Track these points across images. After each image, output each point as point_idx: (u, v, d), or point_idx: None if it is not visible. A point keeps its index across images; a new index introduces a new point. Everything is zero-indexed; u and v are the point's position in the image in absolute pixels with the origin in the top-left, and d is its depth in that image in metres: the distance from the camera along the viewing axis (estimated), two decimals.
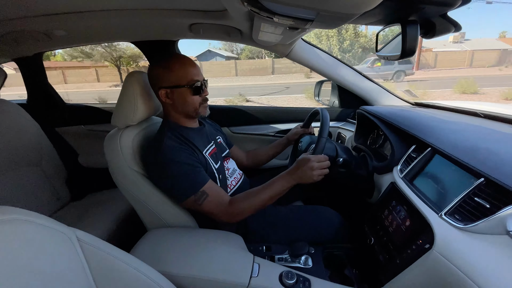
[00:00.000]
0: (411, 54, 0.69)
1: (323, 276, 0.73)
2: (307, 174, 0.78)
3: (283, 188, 0.80)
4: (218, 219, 0.80)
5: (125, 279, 0.50)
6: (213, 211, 0.78)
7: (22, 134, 1.19)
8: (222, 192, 0.81)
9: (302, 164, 0.79)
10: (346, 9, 0.47)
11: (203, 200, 0.76)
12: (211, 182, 0.80)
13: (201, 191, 0.76)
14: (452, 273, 0.49)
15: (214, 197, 0.77)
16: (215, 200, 0.77)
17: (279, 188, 0.79)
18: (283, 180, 0.80)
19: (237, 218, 0.80)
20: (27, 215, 0.40)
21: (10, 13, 0.86)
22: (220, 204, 0.78)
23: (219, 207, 0.78)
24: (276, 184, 0.80)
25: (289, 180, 0.80)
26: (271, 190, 0.79)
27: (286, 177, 0.80)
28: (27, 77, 1.55)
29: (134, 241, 0.78)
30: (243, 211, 0.79)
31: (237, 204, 0.79)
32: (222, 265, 0.67)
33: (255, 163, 1.22)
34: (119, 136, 0.80)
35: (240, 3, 0.55)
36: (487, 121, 0.86)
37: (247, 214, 0.80)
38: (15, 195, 1.11)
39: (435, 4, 0.60)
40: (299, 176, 0.79)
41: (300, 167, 0.79)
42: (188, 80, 0.80)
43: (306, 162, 0.79)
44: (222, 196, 0.80)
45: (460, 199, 0.55)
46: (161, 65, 0.81)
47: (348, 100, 1.44)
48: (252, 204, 0.79)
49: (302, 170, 0.79)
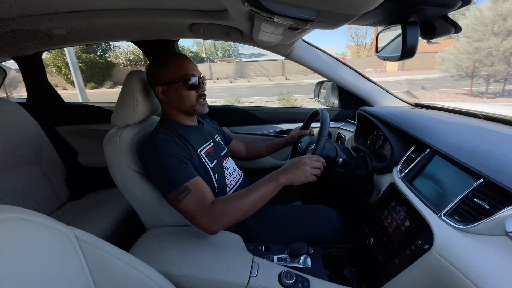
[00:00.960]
0: (411, 55, 0.70)
1: (322, 276, 0.74)
2: (299, 172, 0.74)
3: (272, 188, 0.73)
4: (196, 222, 0.70)
5: (124, 278, 0.50)
6: (191, 211, 0.69)
7: (21, 133, 1.19)
8: (207, 192, 0.73)
9: (294, 163, 0.76)
10: (346, 9, 0.47)
11: (183, 197, 0.69)
12: (199, 180, 0.74)
13: (183, 186, 0.70)
14: (451, 274, 0.49)
15: (196, 195, 0.70)
16: (195, 199, 0.70)
17: (267, 188, 0.72)
18: (272, 180, 0.73)
19: (218, 222, 0.69)
20: (26, 214, 0.39)
21: (11, 12, 0.86)
22: (201, 203, 0.69)
23: (199, 207, 0.69)
24: (265, 184, 0.73)
25: (278, 179, 0.73)
26: (258, 191, 0.72)
27: (276, 176, 0.74)
28: (27, 76, 1.55)
29: (133, 240, 0.78)
30: (225, 214, 0.69)
31: (219, 205, 0.69)
32: (221, 264, 0.67)
33: (253, 155, 1.25)
34: (119, 135, 0.80)
35: (240, 3, 0.55)
36: (487, 122, 0.86)
37: (231, 218, 0.70)
38: (14, 194, 1.11)
39: (435, 5, 0.60)
40: (290, 175, 0.74)
41: (291, 167, 0.75)
42: (182, 75, 0.80)
43: (298, 161, 0.76)
44: (206, 196, 0.71)
45: (459, 200, 0.55)
46: (157, 63, 0.82)
47: (348, 101, 1.44)
48: (237, 207, 0.69)
49: (294, 168, 0.75)
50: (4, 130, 1.12)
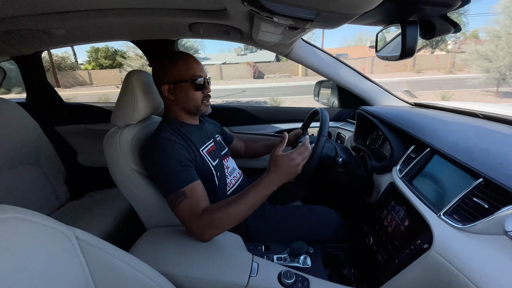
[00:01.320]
0: (411, 55, 0.70)
1: (322, 275, 0.74)
2: (290, 167, 0.70)
3: (266, 193, 0.70)
4: (188, 230, 0.72)
5: (124, 278, 0.50)
6: (183, 219, 0.71)
7: (21, 133, 1.19)
8: (202, 199, 0.72)
9: (280, 161, 0.70)
10: (346, 9, 0.47)
11: (178, 202, 0.70)
12: (197, 185, 0.73)
13: (181, 191, 0.70)
14: (450, 273, 0.49)
15: (190, 202, 0.70)
16: (188, 206, 0.70)
17: (257, 197, 0.69)
18: (265, 183, 0.70)
19: (206, 233, 0.69)
20: (25, 214, 0.39)
21: (10, 11, 0.86)
22: (192, 212, 0.69)
23: (190, 215, 0.69)
24: (257, 189, 0.69)
25: (271, 182, 0.70)
26: (248, 200, 0.69)
27: (268, 179, 0.70)
28: (26, 76, 1.55)
29: (133, 240, 0.78)
30: (214, 222, 0.68)
31: (209, 215, 0.68)
32: (221, 264, 0.67)
33: (253, 154, 1.25)
34: (119, 135, 0.80)
35: (240, 3, 0.55)
36: (486, 122, 0.87)
37: (220, 229, 0.70)
38: (13, 194, 1.11)
39: (434, 4, 0.60)
40: (282, 173, 0.70)
41: (279, 165, 0.70)
42: (191, 75, 0.81)
43: (283, 157, 0.70)
44: (199, 204, 0.70)
45: (458, 199, 0.55)
46: (166, 61, 0.82)
47: (348, 100, 1.44)
48: (227, 214, 0.68)
49: (284, 166, 0.70)
50: (4, 130, 1.12)
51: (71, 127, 1.62)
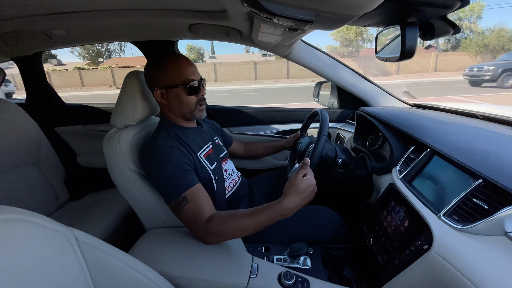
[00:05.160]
0: (411, 56, 0.70)
1: (322, 276, 0.74)
2: (307, 196, 0.66)
3: (278, 219, 0.65)
4: (193, 233, 0.72)
5: (124, 279, 0.49)
6: (188, 223, 0.71)
7: (20, 133, 1.19)
8: (205, 204, 0.71)
9: (296, 187, 0.64)
10: (346, 10, 0.47)
11: (181, 207, 0.69)
12: (198, 189, 0.72)
13: (182, 196, 0.69)
14: (450, 274, 0.49)
15: (193, 207, 0.69)
16: (192, 212, 0.69)
17: (268, 220, 0.66)
18: (274, 215, 0.65)
19: (212, 239, 0.69)
20: (25, 215, 0.39)
21: (10, 12, 0.86)
22: (197, 217, 0.68)
23: (195, 221, 0.69)
24: (267, 216, 0.65)
25: (287, 210, 0.64)
26: (259, 220, 0.65)
27: (280, 213, 0.64)
28: (26, 77, 1.54)
29: (132, 241, 0.78)
30: (221, 233, 0.67)
31: (216, 224, 0.67)
32: (220, 265, 0.67)
33: (252, 155, 1.25)
34: (118, 136, 0.80)
35: (239, 4, 0.55)
36: (486, 123, 0.87)
37: (226, 237, 0.70)
38: (13, 195, 1.10)
39: (434, 6, 0.60)
40: (295, 206, 0.65)
41: (300, 190, 0.64)
42: (183, 79, 0.78)
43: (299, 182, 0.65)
44: (203, 209, 0.69)
45: (458, 200, 0.55)
46: (156, 64, 0.80)
47: (347, 101, 1.44)
48: (233, 230, 0.66)
49: (298, 197, 0.65)
50: (3, 131, 1.12)
51: (71, 128, 1.62)
